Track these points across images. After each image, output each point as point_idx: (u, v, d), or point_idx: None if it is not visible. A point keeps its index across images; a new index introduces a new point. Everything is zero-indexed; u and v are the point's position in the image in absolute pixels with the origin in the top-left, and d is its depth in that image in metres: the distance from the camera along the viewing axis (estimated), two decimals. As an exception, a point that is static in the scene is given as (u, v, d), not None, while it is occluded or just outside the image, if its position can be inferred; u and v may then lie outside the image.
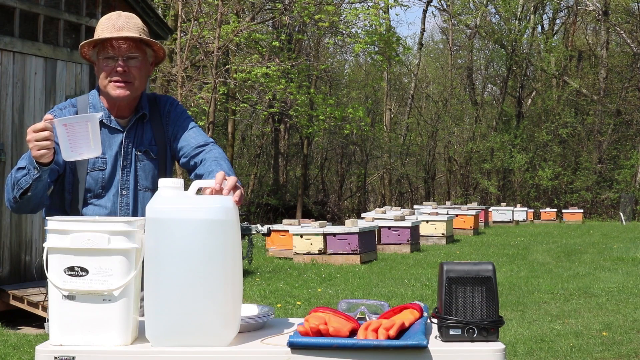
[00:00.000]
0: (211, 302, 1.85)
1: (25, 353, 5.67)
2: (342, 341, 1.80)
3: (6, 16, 6.89)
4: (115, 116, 2.51)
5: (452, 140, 33.67)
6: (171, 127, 2.56)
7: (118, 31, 2.42)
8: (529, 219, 25.35)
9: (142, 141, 2.52)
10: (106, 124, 2.49)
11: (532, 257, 12.95)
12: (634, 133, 31.35)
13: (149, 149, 2.52)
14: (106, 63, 2.44)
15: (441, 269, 1.91)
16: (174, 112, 2.58)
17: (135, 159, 2.50)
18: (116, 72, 2.42)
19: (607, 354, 5.66)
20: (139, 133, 2.52)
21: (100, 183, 2.46)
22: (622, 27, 31.79)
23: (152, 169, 2.52)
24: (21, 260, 7.05)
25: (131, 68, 2.43)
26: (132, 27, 2.44)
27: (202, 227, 1.85)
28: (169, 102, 2.60)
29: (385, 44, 20.08)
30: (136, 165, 2.50)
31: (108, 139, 2.48)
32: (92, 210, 2.46)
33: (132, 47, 2.44)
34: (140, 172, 2.50)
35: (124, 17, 2.47)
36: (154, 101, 2.59)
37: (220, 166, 2.38)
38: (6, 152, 6.89)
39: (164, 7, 17.96)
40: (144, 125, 2.54)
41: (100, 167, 2.46)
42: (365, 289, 8.97)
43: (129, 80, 2.44)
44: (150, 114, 2.56)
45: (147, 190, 2.50)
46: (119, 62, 2.42)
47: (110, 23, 2.45)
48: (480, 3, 33.75)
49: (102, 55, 2.44)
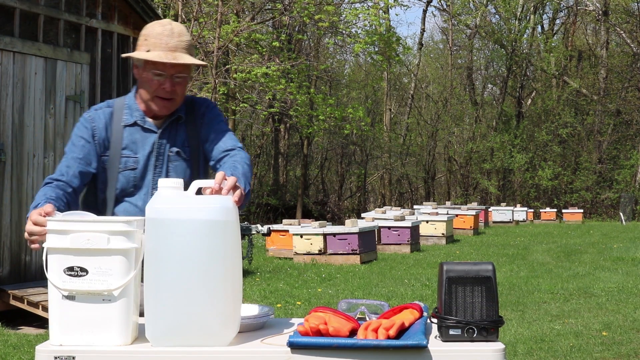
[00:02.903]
0: (211, 302, 1.85)
1: (25, 353, 5.67)
2: (342, 341, 1.80)
3: (6, 16, 6.89)
4: (150, 117, 2.55)
5: (452, 140, 33.67)
6: (204, 129, 2.58)
7: (172, 52, 2.43)
8: (529, 219, 25.35)
9: (175, 142, 2.54)
10: (140, 124, 2.52)
11: (532, 257, 12.95)
12: (634, 133, 31.35)
13: (182, 150, 2.54)
14: (153, 78, 2.46)
15: (441, 269, 1.92)
16: (208, 114, 2.60)
17: (167, 159, 2.53)
18: (163, 90, 2.46)
19: (607, 354, 5.66)
20: (172, 134, 2.55)
21: (132, 182, 2.49)
22: (622, 27, 31.80)
23: (184, 169, 2.55)
24: (21, 260, 7.05)
25: (177, 86, 2.48)
26: (184, 48, 2.46)
27: (202, 227, 1.85)
28: (205, 104, 2.63)
29: (385, 44, 20.08)
30: (168, 166, 2.53)
31: (141, 138, 2.52)
32: (123, 209, 2.48)
33: (182, 69, 2.48)
34: (172, 172, 2.53)
35: (177, 36, 2.47)
36: (191, 103, 2.62)
37: (234, 169, 2.37)
38: (6, 152, 6.89)
39: (164, 7, 17.96)
40: (178, 127, 2.56)
41: (132, 166, 2.50)
42: (365, 289, 8.97)
43: (172, 98, 2.49)
44: (186, 115, 2.59)
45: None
46: (167, 82, 2.45)
47: (163, 41, 2.45)
48: (480, 3, 33.75)
49: (152, 71, 2.46)
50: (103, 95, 7.89)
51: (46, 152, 7.25)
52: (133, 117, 2.53)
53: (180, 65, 2.46)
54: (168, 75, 2.45)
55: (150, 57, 2.43)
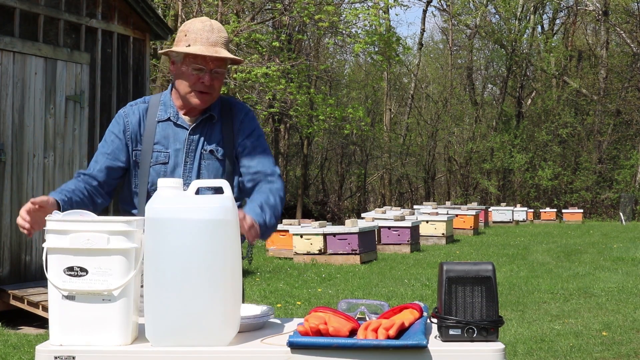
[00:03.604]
0: (211, 302, 1.85)
1: (25, 353, 5.67)
2: (342, 341, 1.80)
3: (6, 16, 6.89)
4: (184, 114, 2.59)
5: (452, 140, 33.67)
6: (240, 137, 2.61)
7: (213, 47, 2.50)
8: (529, 219, 25.35)
9: (209, 141, 2.57)
10: (173, 120, 2.57)
11: (532, 257, 12.95)
12: (634, 133, 31.35)
13: (215, 150, 2.57)
14: (192, 72, 2.51)
15: (441, 269, 1.92)
16: (248, 125, 2.63)
17: (200, 157, 2.56)
18: (202, 84, 2.51)
19: (607, 354, 5.66)
20: (206, 132, 2.58)
21: (162, 176, 2.52)
22: (622, 27, 31.80)
23: (216, 168, 2.57)
24: (21, 260, 7.05)
25: (215, 81, 2.52)
26: (223, 43, 2.54)
27: (201, 227, 1.85)
28: (244, 112, 2.65)
29: (385, 44, 20.06)
30: (200, 163, 2.56)
31: (173, 133, 2.56)
32: None
33: (221, 63, 2.53)
34: (204, 170, 2.56)
35: (217, 32, 2.54)
36: (228, 105, 2.65)
37: (267, 200, 2.48)
38: (6, 152, 6.89)
39: (164, 7, 17.95)
40: (212, 126, 2.59)
41: (162, 160, 2.54)
42: (365, 289, 8.97)
43: (210, 92, 2.53)
44: (221, 116, 2.61)
45: (209, 189, 2.53)
46: (206, 76, 2.50)
47: (204, 36, 2.51)
48: (480, 3, 33.75)
49: (192, 65, 2.51)
50: (103, 95, 7.89)
51: (46, 152, 7.25)
52: (167, 113, 2.58)
53: (219, 60, 2.51)
54: (207, 69, 2.50)
55: (192, 50, 2.48)
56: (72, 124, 7.53)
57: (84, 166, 7.63)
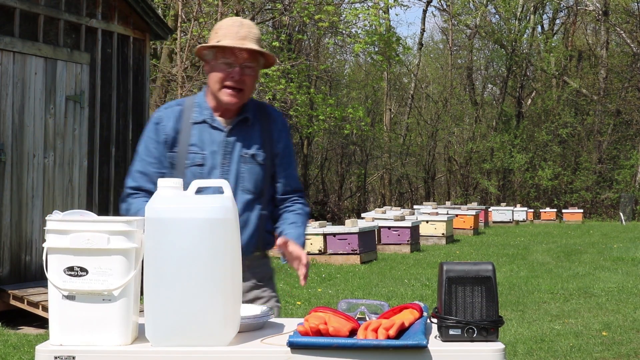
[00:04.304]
0: (211, 302, 1.85)
1: (25, 353, 5.67)
2: (342, 341, 1.80)
3: (6, 16, 6.89)
4: (219, 116, 2.57)
5: (452, 140, 33.67)
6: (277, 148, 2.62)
7: (241, 40, 2.48)
8: (529, 219, 25.35)
9: (249, 144, 2.56)
10: (209, 122, 2.55)
11: (532, 257, 12.95)
12: (634, 133, 31.35)
13: (256, 154, 2.56)
14: (223, 68, 2.50)
15: (441, 269, 1.92)
16: (284, 137, 2.65)
17: (239, 160, 2.54)
18: (232, 79, 2.49)
19: (607, 353, 5.66)
20: (243, 136, 2.57)
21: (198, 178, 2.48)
22: (622, 27, 31.79)
23: (257, 173, 2.56)
24: (21, 260, 7.05)
25: (246, 77, 2.50)
26: (253, 38, 2.51)
27: (201, 227, 1.85)
28: (282, 122, 2.66)
29: (385, 44, 20.05)
30: (239, 167, 2.54)
31: (209, 136, 2.54)
32: None
33: (250, 57, 2.50)
34: (245, 174, 2.54)
35: (246, 27, 2.53)
36: (263, 110, 2.64)
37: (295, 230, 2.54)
38: (6, 152, 6.89)
39: (164, 7, 17.95)
40: (249, 129, 2.58)
41: (199, 162, 2.52)
42: (365, 289, 8.97)
43: (241, 88, 2.51)
44: (257, 120, 2.60)
45: (249, 192, 2.53)
46: (236, 69, 2.49)
47: (233, 30, 2.50)
48: (480, 3, 33.75)
49: (221, 60, 2.49)
50: (103, 95, 7.89)
51: (46, 152, 7.25)
52: (202, 115, 2.56)
53: (249, 54, 2.49)
54: (237, 63, 2.48)
55: (220, 42, 2.48)
56: (72, 124, 7.53)
57: (83, 166, 7.63)
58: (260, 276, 2.60)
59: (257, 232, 2.54)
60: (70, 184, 7.50)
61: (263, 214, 2.56)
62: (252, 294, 2.57)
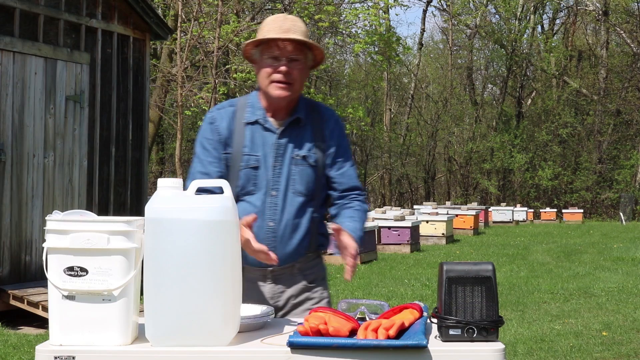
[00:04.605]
0: (211, 302, 1.85)
1: (25, 353, 5.67)
2: (342, 341, 1.80)
3: (6, 16, 6.89)
4: (270, 117, 2.53)
5: (452, 140, 33.68)
6: (331, 147, 2.56)
7: (285, 33, 2.43)
8: (529, 219, 25.35)
9: (301, 146, 2.51)
10: (261, 123, 2.51)
11: (532, 257, 12.95)
12: (634, 133, 31.35)
13: (308, 155, 2.51)
14: (270, 62, 2.46)
15: (441, 269, 1.92)
16: (339, 134, 2.59)
17: (290, 161, 2.50)
18: (279, 73, 2.44)
19: (607, 354, 5.66)
20: (295, 137, 2.52)
21: (252, 181, 2.48)
22: (622, 27, 31.80)
23: (309, 174, 2.51)
24: (21, 260, 7.05)
25: (293, 70, 2.45)
26: (297, 31, 2.46)
27: (201, 227, 1.85)
28: (334, 119, 2.60)
29: (385, 44, 20.06)
30: (290, 168, 2.50)
31: (262, 137, 2.50)
32: (242, 207, 2.44)
33: (296, 49, 2.45)
34: (296, 176, 2.49)
35: (290, 20, 2.49)
36: (315, 109, 2.59)
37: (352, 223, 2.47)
38: (6, 152, 6.89)
39: (164, 7, 17.95)
40: (301, 130, 2.53)
41: (253, 164, 2.48)
42: (365, 289, 8.97)
43: (289, 82, 2.46)
44: (309, 120, 2.56)
45: (300, 194, 2.48)
46: (282, 62, 2.44)
47: (277, 24, 2.46)
48: (480, 3, 33.76)
49: (267, 55, 2.46)
50: (103, 95, 7.89)
51: (46, 152, 7.25)
52: (255, 116, 2.52)
53: (294, 45, 2.44)
54: (283, 56, 2.44)
55: (265, 36, 2.43)
56: (72, 124, 7.53)
57: (83, 166, 7.63)
58: (312, 277, 2.56)
59: (309, 234, 2.49)
60: (70, 184, 7.50)
61: (315, 216, 2.51)
62: (303, 295, 2.53)
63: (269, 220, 2.44)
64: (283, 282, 2.50)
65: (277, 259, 2.27)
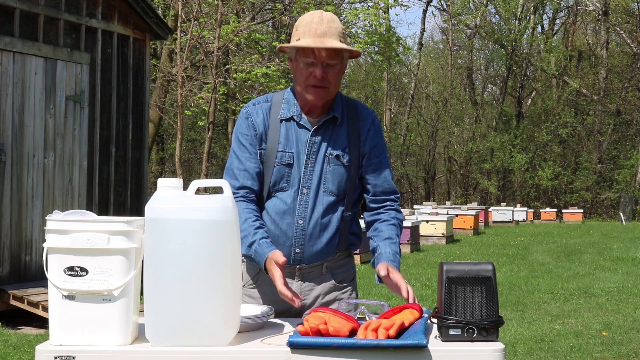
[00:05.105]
0: (211, 302, 1.85)
1: (25, 353, 5.67)
2: (342, 341, 1.80)
3: (6, 16, 6.89)
4: (305, 114, 2.51)
5: (452, 140, 33.69)
6: (367, 149, 2.53)
7: (320, 38, 2.39)
8: (529, 219, 25.36)
9: (335, 145, 2.49)
10: (296, 120, 2.49)
11: (532, 257, 12.95)
12: (634, 133, 31.36)
13: (342, 155, 2.48)
14: (305, 67, 2.43)
15: (441, 269, 1.92)
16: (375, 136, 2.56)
17: (323, 160, 2.47)
18: (314, 78, 2.42)
19: (607, 354, 5.66)
20: (330, 135, 2.50)
21: (285, 177, 2.46)
22: (622, 27, 31.81)
23: (341, 174, 2.48)
24: (21, 260, 7.05)
25: (329, 74, 2.43)
26: (333, 34, 2.42)
27: (201, 227, 1.85)
28: (371, 119, 2.57)
29: (385, 44, 20.07)
30: (323, 167, 2.47)
31: (296, 134, 2.48)
32: (273, 204, 2.45)
33: (332, 54, 2.42)
34: (329, 175, 2.47)
35: (326, 22, 2.43)
36: (353, 108, 2.57)
37: (391, 248, 2.42)
38: (6, 152, 6.89)
39: (164, 7, 17.95)
40: (337, 129, 2.51)
41: (287, 161, 2.46)
42: (365, 289, 8.97)
43: (325, 86, 2.43)
44: (346, 119, 2.53)
45: (331, 194, 2.46)
46: (318, 68, 2.41)
47: (312, 27, 2.42)
48: (480, 3, 33.76)
49: (302, 60, 2.43)
50: (103, 95, 7.89)
51: (46, 152, 7.25)
52: (290, 112, 2.50)
53: (329, 51, 2.40)
54: (318, 62, 2.40)
55: (299, 44, 2.41)
56: (72, 124, 7.53)
57: (83, 166, 7.63)
58: (341, 277, 2.54)
59: (338, 234, 2.47)
60: (70, 184, 7.50)
61: (346, 215, 2.48)
62: (332, 295, 2.51)
63: (298, 218, 2.43)
64: (311, 280, 2.48)
65: (300, 304, 2.25)
